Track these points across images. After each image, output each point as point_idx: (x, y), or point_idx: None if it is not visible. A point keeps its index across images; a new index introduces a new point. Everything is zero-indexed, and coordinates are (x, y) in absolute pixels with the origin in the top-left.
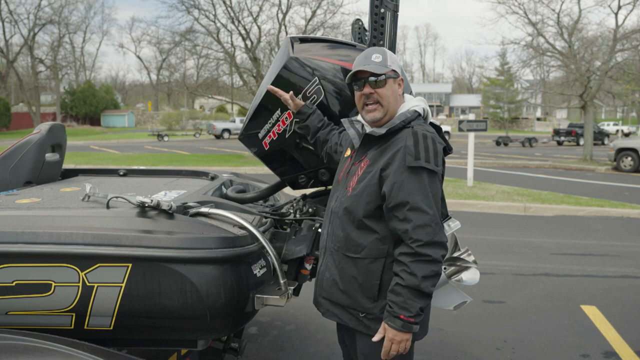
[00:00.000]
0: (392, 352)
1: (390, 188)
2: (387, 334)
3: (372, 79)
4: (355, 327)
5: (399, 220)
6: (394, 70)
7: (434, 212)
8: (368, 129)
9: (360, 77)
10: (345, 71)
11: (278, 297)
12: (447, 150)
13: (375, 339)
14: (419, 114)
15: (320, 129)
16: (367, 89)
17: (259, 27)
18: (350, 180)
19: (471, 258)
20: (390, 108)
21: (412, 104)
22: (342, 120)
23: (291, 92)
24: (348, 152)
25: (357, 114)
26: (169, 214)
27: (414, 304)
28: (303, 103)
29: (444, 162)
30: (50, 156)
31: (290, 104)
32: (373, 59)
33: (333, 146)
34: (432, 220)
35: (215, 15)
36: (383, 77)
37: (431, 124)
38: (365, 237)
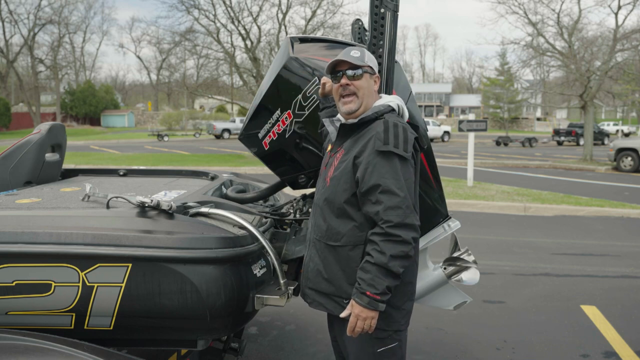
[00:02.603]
0: (357, 328)
1: (363, 173)
2: (353, 310)
3: (349, 71)
4: (340, 314)
5: (371, 203)
6: (370, 67)
7: (405, 194)
8: (343, 120)
9: (338, 70)
10: None
11: (278, 297)
12: (420, 145)
13: (343, 315)
14: (393, 109)
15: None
16: (344, 80)
17: (259, 27)
18: (328, 171)
19: (471, 258)
20: (365, 100)
21: (387, 99)
22: (322, 119)
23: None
24: (329, 147)
25: None
26: (169, 214)
27: (381, 281)
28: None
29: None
30: (50, 156)
31: (321, 90)
32: (352, 54)
33: (326, 143)
34: (403, 203)
35: (215, 15)
36: (360, 70)
37: (410, 124)
38: (344, 225)
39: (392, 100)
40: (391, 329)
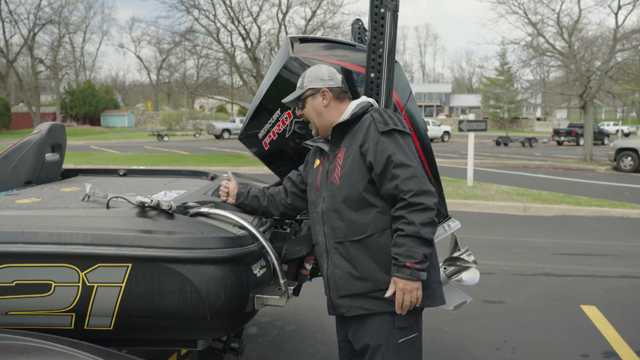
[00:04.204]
0: (405, 303)
1: (374, 156)
2: (397, 286)
3: (295, 105)
4: (383, 309)
5: (388, 180)
6: (311, 88)
7: (416, 164)
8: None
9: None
10: (345, 71)
11: (278, 297)
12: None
13: (388, 294)
14: (372, 105)
15: (264, 205)
16: (299, 113)
17: (259, 27)
18: (331, 176)
19: (471, 258)
20: (317, 121)
21: (362, 99)
22: (304, 143)
23: (233, 190)
24: (317, 163)
25: None
26: (169, 214)
27: (417, 250)
28: (236, 194)
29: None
30: (50, 156)
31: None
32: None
33: (299, 185)
34: (417, 171)
35: (215, 15)
36: (299, 103)
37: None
38: (367, 215)
39: (367, 99)
40: (437, 304)
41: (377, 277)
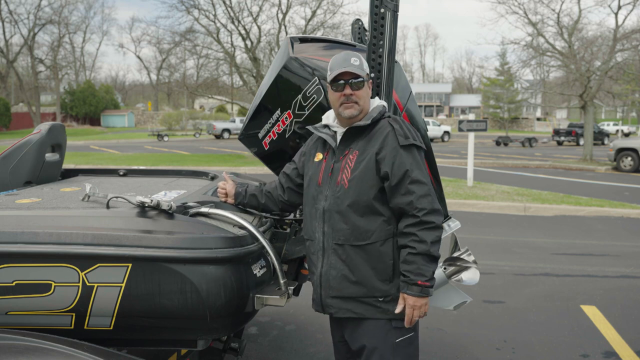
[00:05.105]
0: (414, 318)
1: (390, 167)
2: (407, 302)
3: (353, 80)
4: (372, 315)
5: (401, 195)
6: (368, 74)
7: (429, 182)
8: (340, 130)
9: (340, 79)
10: None
11: (278, 297)
12: None
13: (397, 310)
14: (386, 108)
15: (262, 202)
16: (347, 90)
17: (259, 27)
18: (338, 175)
19: (471, 258)
20: (365, 107)
21: (378, 101)
22: (308, 127)
23: (230, 190)
24: (320, 156)
25: None
26: (169, 214)
27: (428, 268)
28: (234, 194)
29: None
30: (50, 156)
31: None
32: (352, 62)
33: (294, 180)
34: (430, 190)
35: (215, 15)
36: (362, 79)
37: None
38: (372, 222)
39: (382, 102)
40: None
41: (373, 284)
